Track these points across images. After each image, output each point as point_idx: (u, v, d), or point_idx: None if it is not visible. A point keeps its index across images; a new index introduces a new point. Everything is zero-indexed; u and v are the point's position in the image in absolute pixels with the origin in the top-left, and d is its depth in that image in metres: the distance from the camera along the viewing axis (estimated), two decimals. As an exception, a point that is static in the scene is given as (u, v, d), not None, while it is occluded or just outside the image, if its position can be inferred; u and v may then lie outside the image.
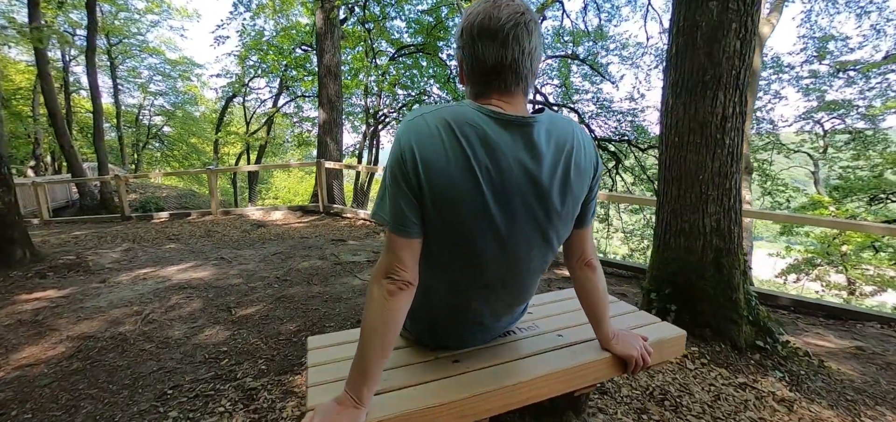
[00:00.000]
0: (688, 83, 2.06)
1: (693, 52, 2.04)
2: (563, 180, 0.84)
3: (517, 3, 0.79)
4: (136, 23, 23.78)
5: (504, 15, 0.77)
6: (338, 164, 8.12)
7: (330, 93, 8.82)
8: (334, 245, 5.32)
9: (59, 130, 13.35)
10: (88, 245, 5.72)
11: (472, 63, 0.82)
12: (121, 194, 9.19)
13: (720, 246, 2.10)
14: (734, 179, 2.09)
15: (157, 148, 29.49)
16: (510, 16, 0.77)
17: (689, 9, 2.05)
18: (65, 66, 22.15)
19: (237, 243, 5.58)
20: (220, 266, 4.35)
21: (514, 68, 0.80)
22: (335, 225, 7.25)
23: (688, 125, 2.07)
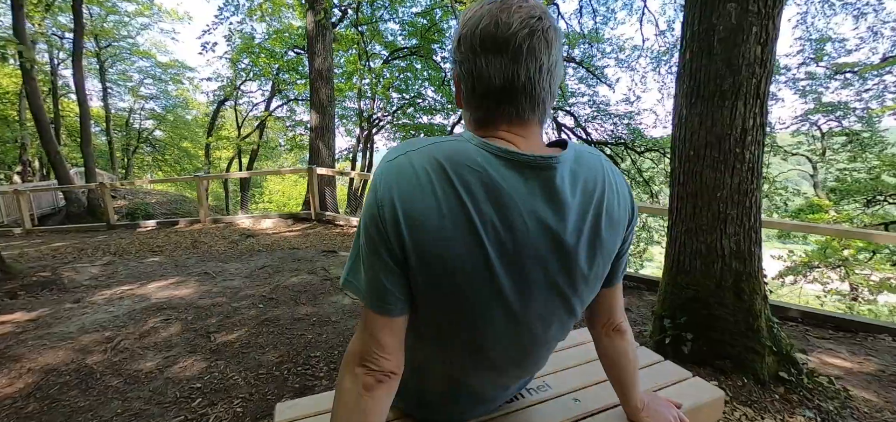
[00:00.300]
0: (703, 92, 1.89)
1: (709, 58, 1.87)
2: (592, 236, 0.64)
3: (531, 3, 0.60)
4: (126, 25, 23.42)
5: (515, 20, 0.57)
6: (330, 170, 7.91)
7: (322, 97, 8.60)
8: (325, 257, 5.11)
9: (44, 136, 13.00)
10: (67, 259, 5.47)
11: (472, 83, 0.62)
12: (106, 202, 8.91)
13: (740, 270, 1.93)
14: (754, 197, 1.92)
15: (147, 152, 29.09)
16: (524, 21, 0.58)
17: (704, 11, 1.88)
18: (53, 70, 21.73)
19: (224, 256, 5.36)
20: (204, 282, 4.13)
21: (528, 90, 0.60)
22: (327, 234, 7.04)
23: (704, 138, 1.90)
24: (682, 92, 2.00)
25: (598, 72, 12.78)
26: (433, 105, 16.60)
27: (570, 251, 0.62)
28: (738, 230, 1.91)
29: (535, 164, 0.59)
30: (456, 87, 0.68)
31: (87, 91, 26.40)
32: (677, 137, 2.04)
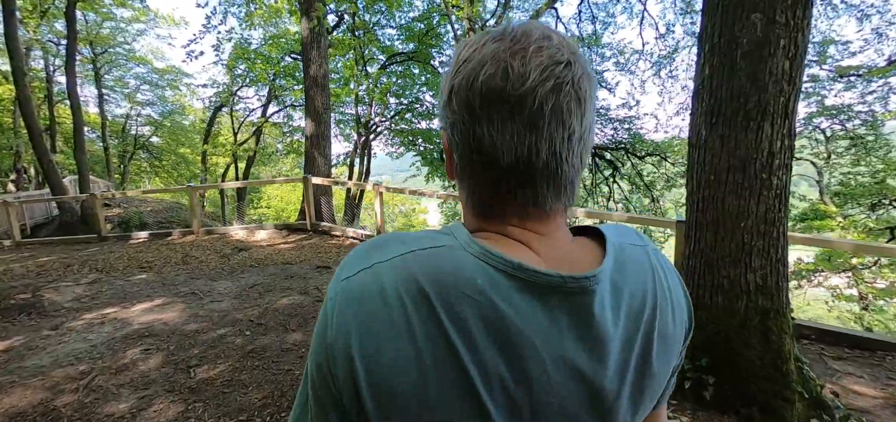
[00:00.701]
0: (726, 112, 1.71)
1: (732, 74, 1.69)
2: (639, 373, 0.44)
3: (555, 40, 0.41)
4: (122, 32, 23.27)
5: (533, 68, 0.39)
6: (326, 179, 7.73)
7: (317, 105, 8.43)
8: (319, 273, 4.92)
9: (36, 145, 12.81)
10: (52, 276, 5.27)
11: (470, 156, 0.43)
12: (97, 214, 8.71)
13: (767, 307, 1.75)
14: (782, 227, 1.74)
15: (144, 158, 28.90)
16: (546, 69, 0.39)
17: (725, 22, 1.71)
18: (48, 77, 21.55)
19: (214, 273, 5.17)
20: (191, 304, 3.94)
21: (552, 170, 0.41)
22: (322, 245, 6.85)
23: (727, 162, 1.72)
24: (700, 110, 1.83)
25: (599, 76, 12.64)
26: (431, 110, 16.44)
27: (609, 403, 0.42)
28: (765, 263, 1.74)
29: (565, 287, 0.40)
30: (447, 155, 0.49)
31: (83, 97, 26.22)
32: (695, 159, 1.86)
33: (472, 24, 7.59)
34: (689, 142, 1.92)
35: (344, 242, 7.13)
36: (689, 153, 1.91)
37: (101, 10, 20.54)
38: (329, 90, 8.69)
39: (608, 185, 14.39)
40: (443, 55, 14.86)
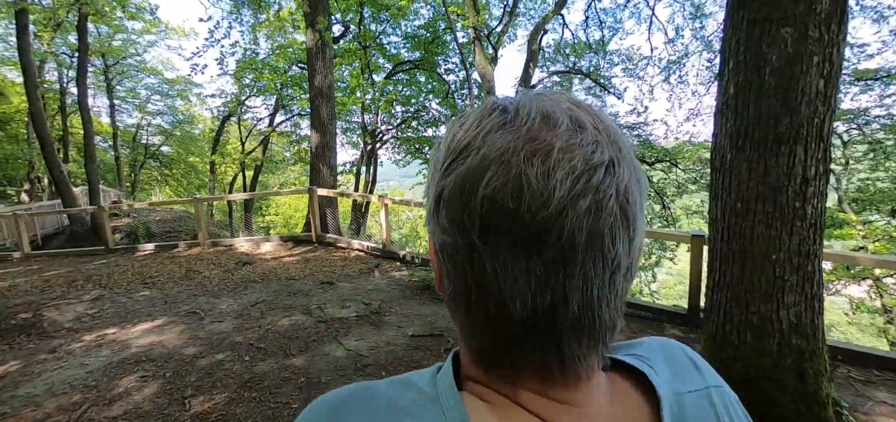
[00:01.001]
0: (754, 134, 1.57)
1: (759, 93, 1.55)
2: None
3: (590, 128, 0.28)
4: (133, 44, 23.64)
5: (560, 178, 0.26)
6: (331, 191, 7.66)
7: (322, 116, 8.39)
8: (322, 290, 4.82)
9: (48, 156, 12.99)
10: (55, 293, 5.24)
11: (466, 293, 0.30)
12: (104, 226, 8.74)
13: (802, 347, 1.60)
14: (817, 260, 1.59)
15: (155, 167, 29.28)
16: (579, 179, 0.26)
17: (751, 37, 1.57)
18: (62, 89, 21.94)
19: (217, 289, 5.09)
20: (191, 324, 3.85)
21: (587, 322, 0.28)
22: (327, 258, 6.76)
23: (756, 189, 1.58)
24: (725, 131, 1.69)
25: (606, 82, 12.47)
26: (437, 117, 16.38)
27: None
28: (799, 299, 1.58)
29: None
30: (435, 270, 0.37)
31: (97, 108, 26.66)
32: (720, 185, 1.72)
33: (477, 34, 7.50)
34: (711, 165, 1.78)
35: (349, 255, 7.04)
36: (712, 177, 1.77)
37: (114, 22, 20.89)
38: (334, 101, 8.65)
39: (617, 191, 14.11)
40: (448, 62, 14.81)
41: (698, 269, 4.36)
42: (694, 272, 4.35)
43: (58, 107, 23.23)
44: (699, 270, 4.38)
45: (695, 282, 4.38)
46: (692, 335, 4.17)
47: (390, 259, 6.55)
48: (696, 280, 4.38)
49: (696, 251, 4.27)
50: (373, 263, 6.22)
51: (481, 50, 7.33)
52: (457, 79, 14.89)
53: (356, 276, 5.57)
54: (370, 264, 6.18)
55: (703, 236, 4.18)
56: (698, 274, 4.39)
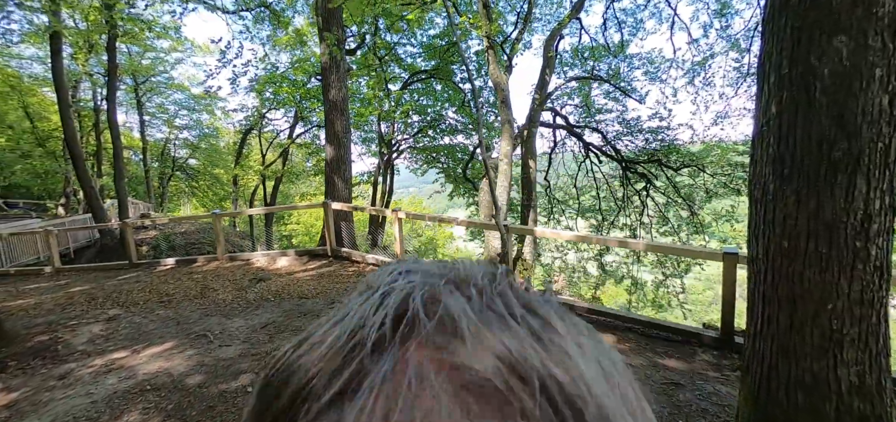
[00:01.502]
0: (803, 162, 1.34)
1: (809, 114, 1.32)
2: None
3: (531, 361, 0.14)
4: (162, 61, 24.58)
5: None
6: (345, 205, 7.61)
7: (337, 128, 8.38)
8: (332, 310, 4.70)
9: (80, 172, 13.53)
10: (75, 312, 5.33)
11: None
12: (128, 241, 8.97)
13: (865, 412, 1.34)
14: (883, 310, 1.34)
15: (183, 179, 30.31)
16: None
17: (796, 47, 1.34)
18: (95, 107, 23.01)
19: (229, 308, 5.06)
20: (200, 348, 3.80)
21: None
22: (342, 273, 6.69)
23: (806, 226, 1.34)
24: (765, 158, 1.45)
25: (627, 86, 12.05)
26: (454, 126, 16.27)
27: None
28: (861, 356, 1.33)
29: None
30: None
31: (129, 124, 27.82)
32: (761, 218, 1.48)
33: (491, 42, 7.33)
34: (749, 194, 1.54)
35: (363, 269, 6.95)
36: (751, 208, 1.53)
37: (144, 41, 21.76)
38: (349, 114, 8.64)
39: (641, 198, 13.62)
40: (464, 71, 14.69)
41: (732, 289, 4.03)
42: (727, 293, 4.02)
43: (92, 124, 24.38)
44: (733, 290, 4.05)
45: (728, 304, 4.05)
46: (726, 362, 3.85)
47: (404, 275, 6.41)
48: (729, 301, 4.05)
49: (730, 270, 3.94)
50: (386, 280, 6.10)
51: (495, 58, 7.16)
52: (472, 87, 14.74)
53: (368, 294, 5.45)
54: (383, 281, 6.06)
55: (736, 254, 3.86)
56: (732, 295, 4.06)
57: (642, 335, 4.28)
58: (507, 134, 6.91)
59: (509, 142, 6.85)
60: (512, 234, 5.19)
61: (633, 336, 4.27)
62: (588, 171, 13.49)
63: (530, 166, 8.94)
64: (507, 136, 6.90)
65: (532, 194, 9.06)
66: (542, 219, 16.06)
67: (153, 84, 25.05)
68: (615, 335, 4.16)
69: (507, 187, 6.94)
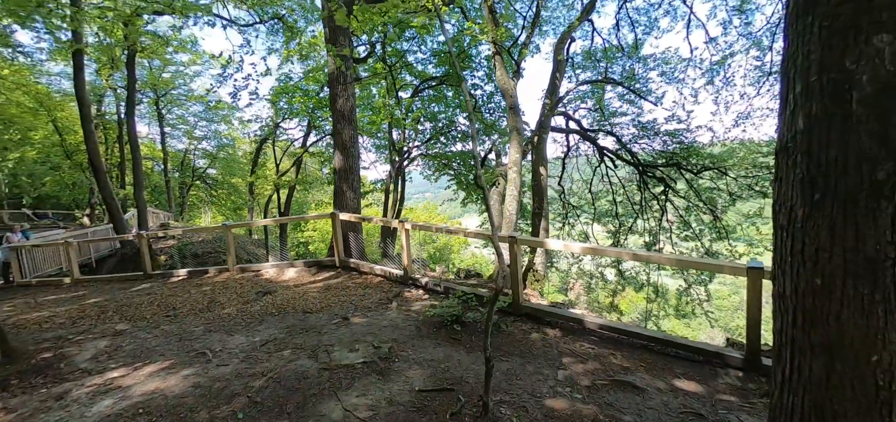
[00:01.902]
0: (838, 186, 1.13)
1: (845, 128, 1.12)
2: None
3: None
4: (181, 75, 25.28)
5: None
6: (353, 216, 7.54)
7: (344, 138, 8.34)
8: (335, 327, 4.60)
9: (101, 184, 13.93)
10: (83, 326, 5.37)
11: None
12: (143, 253, 9.11)
13: (923, 485, 1.11)
14: (942, 359, 1.11)
15: (202, 188, 31.07)
16: None
17: (828, 49, 1.14)
18: (119, 120, 23.82)
19: (232, 323, 5.01)
20: (197, 367, 3.73)
21: None
22: (348, 286, 6.60)
23: (841, 261, 1.13)
24: (791, 177, 1.25)
25: (642, 88, 11.67)
26: (465, 132, 16.12)
27: None
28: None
29: None
30: None
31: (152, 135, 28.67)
32: (788, 249, 1.27)
33: (497, 48, 7.15)
34: (774, 219, 1.33)
35: (371, 281, 6.84)
36: (777, 236, 1.32)
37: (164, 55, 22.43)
38: (356, 123, 8.59)
39: (659, 202, 13.15)
40: (474, 77, 14.57)
41: (758, 307, 3.74)
42: (752, 310, 3.73)
43: (116, 137, 25.25)
44: (759, 308, 3.76)
45: (754, 322, 3.75)
46: (752, 386, 3.56)
47: (412, 286, 6.28)
48: (755, 319, 3.75)
49: (755, 286, 3.66)
50: (392, 293, 5.97)
51: (502, 64, 6.97)
52: (483, 93, 14.58)
53: (373, 308, 5.33)
54: (389, 294, 5.94)
55: (761, 269, 3.58)
56: (758, 312, 3.76)
57: (659, 354, 4.02)
58: (516, 141, 6.70)
59: (518, 149, 6.64)
60: (520, 245, 4.98)
61: (649, 355, 4.01)
62: (603, 175, 13.12)
63: (541, 173, 8.70)
64: (516, 143, 6.69)
65: (543, 202, 8.81)
66: (558, 224, 15.70)
67: (173, 96, 25.77)
68: (630, 355, 3.91)
69: (517, 196, 6.72)
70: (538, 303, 6.11)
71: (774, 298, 1.34)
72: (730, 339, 5.39)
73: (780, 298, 1.31)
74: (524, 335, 4.38)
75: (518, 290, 4.96)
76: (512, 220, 6.91)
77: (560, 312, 4.80)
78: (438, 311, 4.58)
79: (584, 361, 3.81)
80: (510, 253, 4.91)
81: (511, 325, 4.66)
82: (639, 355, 3.99)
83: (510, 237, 4.93)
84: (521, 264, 4.95)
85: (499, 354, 3.84)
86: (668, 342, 4.12)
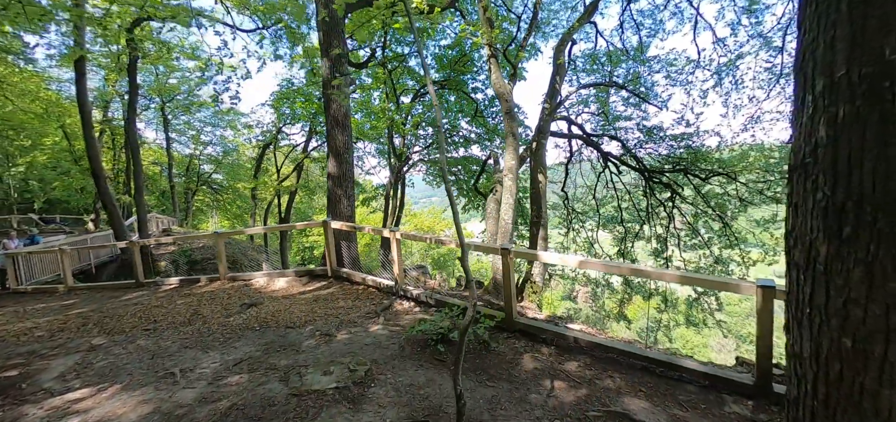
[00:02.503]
0: (876, 216, 0.84)
1: (884, 139, 0.82)
2: None
3: None
4: (186, 80, 25.43)
5: None
6: (344, 224, 7.29)
7: (338, 144, 8.12)
8: (315, 344, 4.34)
9: (101, 190, 13.89)
10: (60, 340, 5.18)
11: None
12: (135, 261, 8.97)
13: None
14: None
15: (208, 193, 31.20)
16: None
17: (861, 36, 0.85)
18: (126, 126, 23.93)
19: (210, 338, 4.78)
20: (161, 391, 3.50)
21: None
22: (338, 296, 6.35)
23: (885, 319, 0.84)
24: (809, 205, 0.96)
25: (648, 91, 11.31)
26: (467, 137, 15.87)
27: None
28: None
29: None
30: None
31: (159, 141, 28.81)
32: (805, 296, 0.97)
33: (492, 51, 6.88)
34: (787, 256, 1.04)
35: (362, 292, 6.58)
36: (790, 278, 1.03)
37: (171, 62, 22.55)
38: (351, 129, 8.37)
39: (666, 209, 12.73)
40: (476, 81, 14.32)
41: (770, 328, 3.41)
42: (764, 332, 3.40)
43: (123, 142, 25.41)
44: (771, 328, 3.43)
45: (765, 345, 3.42)
46: (763, 417, 3.22)
47: (403, 298, 6.01)
48: (766, 342, 3.42)
49: (766, 306, 3.33)
50: (382, 305, 5.70)
51: (497, 66, 6.69)
52: (485, 97, 14.32)
53: (359, 322, 5.06)
54: (379, 306, 5.67)
55: (773, 288, 3.25)
56: (770, 334, 3.43)
57: (661, 378, 3.69)
58: (512, 146, 6.40)
59: (514, 155, 6.34)
60: (514, 257, 4.69)
61: (650, 378, 3.68)
62: (607, 181, 12.74)
63: (540, 180, 8.38)
64: (512, 148, 6.39)
65: (542, 211, 8.48)
66: (562, 231, 15.32)
67: (179, 102, 25.92)
68: (629, 378, 3.59)
69: (513, 204, 6.42)
70: (534, 317, 5.80)
71: (788, 355, 1.04)
72: (740, 358, 5.02)
73: (795, 358, 1.01)
74: (515, 355, 4.08)
75: (512, 304, 4.67)
76: (508, 229, 6.61)
77: (556, 330, 4.49)
78: (425, 328, 4.30)
79: (578, 386, 3.50)
80: (503, 265, 4.62)
81: (503, 343, 4.37)
82: (639, 378, 3.67)
83: (503, 249, 4.63)
84: (512, 276, 4.65)
85: (484, 378, 3.55)
86: (672, 365, 3.79)
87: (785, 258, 1.06)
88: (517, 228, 14.90)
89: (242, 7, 12.83)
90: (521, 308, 7.02)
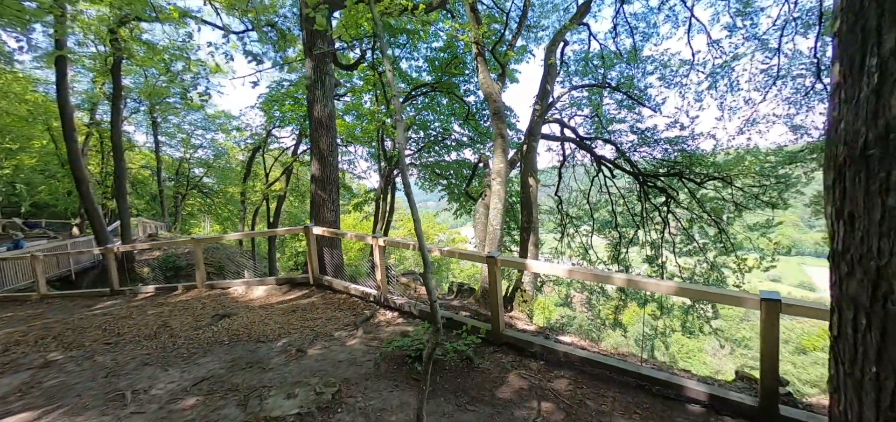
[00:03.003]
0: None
1: None
2: None
3: None
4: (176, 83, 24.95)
5: None
6: (328, 230, 6.96)
7: (322, 147, 7.81)
8: (284, 361, 4.01)
9: (82, 194, 13.45)
10: (14, 355, 4.81)
11: None
12: (110, 269, 8.58)
13: None
14: None
15: (198, 197, 30.68)
16: None
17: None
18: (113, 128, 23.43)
19: (174, 354, 4.43)
20: (109, 416, 3.15)
21: None
22: (317, 307, 6.01)
23: None
24: (876, 214, 0.67)
25: (642, 94, 11.10)
26: (459, 140, 15.60)
27: None
28: None
29: None
30: None
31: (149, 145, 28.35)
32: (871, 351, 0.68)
33: (479, 49, 6.62)
34: (833, 290, 0.75)
35: (343, 301, 6.25)
36: (840, 316, 0.74)
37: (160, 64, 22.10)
38: (336, 131, 8.06)
39: (661, 213, 12.51)
40: (469, 83, 14.07)
41: (775, 344, 3.13)
42: (768, 349, 3.12)
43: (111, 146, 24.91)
44: (776, 344, 3.14)
45: (770, 362, 3.14)
46: (768, 443, 2.93)
47: (385, 307, 5.70)
48: (771, 359, 3.14)
49: (771, 320, 3.05)
50: (363, 316, 5.38)
51: (484, 65, 6.42)
52: (477, 99, 14.07)
53: (335, 335, 4.73)
54: (359, 318, 5.34)
55: (778, 302, 2.98)
56: (775, 350, 3.15)
57: (657, 397, 3.40)
58: (501, 149, 6.12)
59: (503, 158, 6.06)
60: (501, 266, 4.40)
61: (645, 398, 3.39)
62: (602, 186, 12.51)
63: (530, 185, 8.11)
64: (501, 151, 6.11)
65: (532, 216, 8.20)
66: (556, 236, 15.06)
67: (169, 104, 25.45)
68: (622, 398, 3.29)
69: (501, 210, 6.13)
70: (523, 329, 5.50)
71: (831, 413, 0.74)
72: (740, 372, 4.74)
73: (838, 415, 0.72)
74: (501, 372, 3.77)
75: (499, 315, 4.36)
76: (496, 235, 6.31)
77: (544, 344, 4.20)
78: (403, 343, 3.98)
79: (568, 409, 3.20)
80: (490, 274, 4.32)
81: (489, 358, 4.06)
82: (632, 398, 3.38)
83: (489, 257, 4.34)
84: (500, 284, 4.35)
85: (465, 401, 3.24)
86: (669, 384, 3.50)
87: (830, 290, 0.77)
88: (509, 233, 14.62)
89: (231, 8, 12.54)
90: (509, 319, 6.71)
